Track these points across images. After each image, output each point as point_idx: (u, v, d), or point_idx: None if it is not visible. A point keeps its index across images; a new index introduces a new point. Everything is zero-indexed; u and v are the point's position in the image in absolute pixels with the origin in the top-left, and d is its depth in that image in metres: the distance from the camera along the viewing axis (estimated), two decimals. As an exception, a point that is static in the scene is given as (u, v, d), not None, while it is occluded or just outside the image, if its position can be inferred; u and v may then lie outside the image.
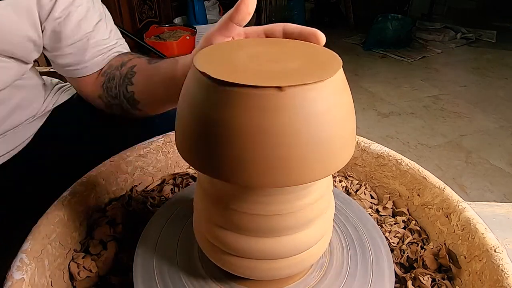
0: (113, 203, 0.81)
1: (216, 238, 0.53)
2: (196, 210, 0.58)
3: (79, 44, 0.94)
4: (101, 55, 0.98)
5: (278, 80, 0.38)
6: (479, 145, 3.00)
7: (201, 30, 4.12)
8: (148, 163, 0.90)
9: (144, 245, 0.66)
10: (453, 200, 0.72)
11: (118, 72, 0.96)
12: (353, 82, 3.87)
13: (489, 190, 2.52)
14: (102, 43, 0.98)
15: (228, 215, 0.50)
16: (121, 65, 0.97)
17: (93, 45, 0.96)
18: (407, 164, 0.82)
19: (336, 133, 0.41)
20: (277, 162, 0.39)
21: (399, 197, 0.84)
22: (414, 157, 2.82)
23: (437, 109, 3.59)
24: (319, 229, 0.54)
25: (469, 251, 0.65)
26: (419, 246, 0.72)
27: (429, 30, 5.47)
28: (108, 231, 0.73)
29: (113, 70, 0.98)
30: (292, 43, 0.53)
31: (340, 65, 0.43)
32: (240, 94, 0.38)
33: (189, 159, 0.45)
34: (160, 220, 0.71)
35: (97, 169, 0.81)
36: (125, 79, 0.94)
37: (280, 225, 0.50)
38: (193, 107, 0.42)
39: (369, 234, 0.69)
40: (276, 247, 0.51)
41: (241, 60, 0.45)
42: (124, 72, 0.95)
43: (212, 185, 0.52)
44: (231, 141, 0.39)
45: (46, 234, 0.64)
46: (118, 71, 0.96)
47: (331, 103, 0.40)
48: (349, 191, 0.89)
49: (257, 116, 0.38)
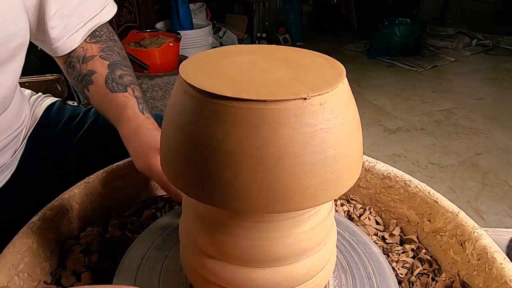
0: (88, 230, 0.81)
1: (206, 269, 0.53)
2: (183, 238, 0.58)
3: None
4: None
5: (275, 93, 0.39)
6: (497, 164, 3.01)
7: (186, 36, 4.12)
8: (127, 184, 0.90)
9: (122, 277, 0.66)
10: (468, 226, 0.72)
11: (78, 65, 1.00)
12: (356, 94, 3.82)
13: (508, 215, 2.52)
14: None
15: (219, 243, 0.50)
16: (83, 59, 1.00)
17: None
18: (416, 186, 0.83)
19: (340, 153, 0.42)
20: (274, 186, 0.40)
21: (408, 222, 0.85)
22: (425, 178, 2.82)
23: (450, 124, 3.61)
24: (318, 259, 0.54)
25: (486, 283, 0.65)
26: (430, 277, 0.73)
27: (441, 36, 5.51)
28: (82, 260, 0.73)
29: (74, 58, 1.01)
30: (290, 50, 0.54)
31: (343, 75, 0.44)
32: (232, 108, 0.39)
33: (176, 182, 0.45)
34: (140, 248, 0.71)
35: (69, 192, 0.81)
36: (82, 81, 0.99)
37: (274, 254, 0.50)
38: (179, 123, 0.43)
39: (375, 264, 0.70)
40: (270, 278, 0.51)
41: (232, 71, 0.45)
42: (84, 72, 0.99)
43: (202, 210, 0.52)
44: (223, 162, 0.40)
45: (13, 264, 0.64)
46: (79, 64, 1.00)
47: (334, 119, 0.41)
48: (351, 216, 0.89)
49: (252, 133, 0.39)
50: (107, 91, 0.95)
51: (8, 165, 1.03)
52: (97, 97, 0.98)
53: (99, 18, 1.01)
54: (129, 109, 0.91)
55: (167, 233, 0.75)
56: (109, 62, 0.99)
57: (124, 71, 0.99)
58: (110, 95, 0.95)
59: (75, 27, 0.97)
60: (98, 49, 1.01)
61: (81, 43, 0.99)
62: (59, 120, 1.15)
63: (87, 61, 0.99)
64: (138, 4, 4.44)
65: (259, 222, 0.48)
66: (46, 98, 1.22)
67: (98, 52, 1.00)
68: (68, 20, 0.95)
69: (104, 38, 1.03)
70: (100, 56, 1.00)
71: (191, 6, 4.48)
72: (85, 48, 1.00)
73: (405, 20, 5.05)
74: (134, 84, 0.98)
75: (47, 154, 1.10)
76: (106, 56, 1.01)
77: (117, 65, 1.00)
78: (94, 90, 0.97)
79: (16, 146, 1.06)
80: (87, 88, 0.98)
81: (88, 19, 0.99)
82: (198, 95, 0.40)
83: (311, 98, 0.39)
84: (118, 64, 1.00)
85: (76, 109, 1.20)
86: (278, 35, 5.18)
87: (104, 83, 0.96)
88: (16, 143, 1.06)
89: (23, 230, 0.69)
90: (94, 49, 1.00)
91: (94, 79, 0.97)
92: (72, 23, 0.96)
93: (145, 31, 4.14)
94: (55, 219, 0.75)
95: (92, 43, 1.01)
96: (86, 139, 1.12)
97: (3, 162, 1.00)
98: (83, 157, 1.09)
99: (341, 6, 6.14)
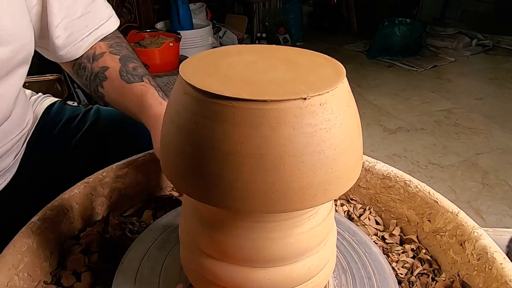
0: (88, 230, 0.81)
1: (206, 269, 0.53)
2: (183, 238, 0.58)
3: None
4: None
5: (275, 93, 0.39)
6: (497, 164, 3.01)
7: (186, 36, 4.12)
8: (127, 184, 0.90)
9: (123, 277, 0.66)
10: (468, 226, 0.72)
11: (89, 64, 1.00)
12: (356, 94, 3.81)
13: (508, 215, 2.52)
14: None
15: (219, 243, 0.50)
16: (93, 57, 1.00)
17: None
18: (416, 186, 0.83)
19: (340, 153, 0.42)
20: (274, 186, 0.40)
21: (408, 222, 0.85)
22: (424, 178, 2.82)
23: (450, 124, 3.61)
24: (318, 259, 0.54)
25: (485, 283, 0.66)
26: (430, 277, 0.73)
27: (441, 36, 5.50)
28: (82, 260, 0.73)
29: (83, 59, 1.01)
30: (290, 50, 0.54)
31: (343, 75, 0.44)
32: (232, 108, 0.39)
33: (176, 182, 0.45)
34: (140, 248, 0.71)
35: (69, 192, 0.81)
36: (96, 78, 0.99)
37: (274, 254, 0.50)
38: (179, 123, 0.43)
39: (375, 264, 0.70)
40: (270, 278, 0.51)
41: (232, 71, 0.45)
42: (96, 70, 0.99)
43: (202, 210, 0.52)
44: (223, 162, 0.40)
45: (13, 264, 0.64)
46: (89, 63, 1.00)
47: (334, 119, 0.41)
48: (351, 216, 0.89)
49: (252, 133, 0.39)
50: (123, 83, 0.96)
51: (10, 168, 1.03)
52: (114, 91, 0.98)
53: (104, 28, 1.02)
54: (150, 96, 0.92)
55: (167, 233, 0.75)
56: (120, 56, 1.00)
57: (136, 63, 1.00)
58: (127, 87, 0.95)
59: (79, 37, 0.97)
60: (106, 45, 1.02)
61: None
62: (59, 121, 1.15)
63: (98, 58, 1.00)
64: (138, 4, 4.43)
65: (259, 222, 0.48)
66: (46, 98, 1.22)
67: (107, 49, 1.01)
68: (72, 30, 0.95)
69: (110, 35, 1.04)
70: (110, 52, 1.01)
71: (191, 6, 4.47)
72: (94, 47, 1.01)
73: (405, 20, 5.04)
74: (148, 75, 0.99)
75: (47, 154, 1.10)
76: (115, 51, 1.01)
77: (128, 58, 1.00)
78: (109, 85, 0.98)
79: (18, 149, 1.06)
80: (101, 85, 0.99)
81: (93, 28, 0.99)
82: (198, 95, 0.40)
83: (311, 98, 0.39)
84: (129, 58, 1.01)
85: (76, 109, 1.20)
86: (278, 35, 5.17)
87: (119, 77, 0.97)
88: (18, 147, 1.06)
89: (23, 230, 0.69)
90: (102, 47, 1.01)
91: (108, 75, 0.98)
92: (76, 33, 0.96)
93: (145, 31, 4.14)
94: (55, 219, 0.75)
95: (100, 42, 1.01)
96: (86, 140, 1.12)
97: (4, 166, 1.00)
98: (83, 157, 1.09)
99: (341, 6, 6.14)
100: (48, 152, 1.11)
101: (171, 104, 0.46)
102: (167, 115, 0.46)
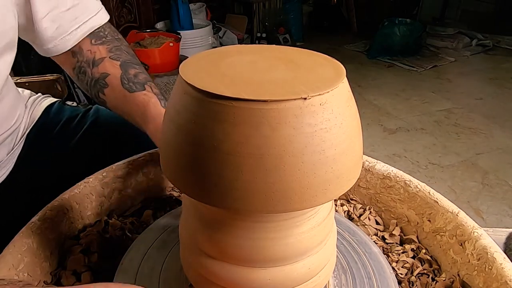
0: (88, 230, 0.81)
1: (206, 269, 0.53)
2: (183, 238, 0.58)
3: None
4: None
5: (275, 93, 0.39)
6: (497, 164, 3.01)
7: (186, 36, 4.12)
8: (127, 185, 0.90)
9: (123, 277, 0.66)
10: (468, 226, 0.72)
11: (89, 70, 0.99)
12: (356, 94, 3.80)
13: (508, 215, 2.52)
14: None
15: (219, 243, 0.50)
16: (93, 63, 0.99)
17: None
18: (416, 186, 0.83)
19: (340, 153, 0.42)
20: (274, 186, 0.40)
21: (408, 222, 0.85)
22: (425, 178, 2.83)
23: (450, 124, 3.61)
24: (318, 259, 0.54)
25: (485, 283, 0.66)
26: (430, 277, 0.73)
27: (441, 36, 5.50)
28: (82, 260, 0.73)
29: (83, 63, 1.00)
30: (290, 50, 0.54)
31: (343, 75, 0.44)
32: (232, 108, 0.39)
33: (176, 182, 0.45)
34: (140, 248, 0.71)
35: (69, 192, 0.81)
36: (96, 84, 0.98)
37: (274, 254, 0.50)
38: (179, 123, 0.43)
39: (375, 264, 0.70)
40: (270, 278, 0.51)
41: (232, 71, 0.45)
42: (96, 76, 0.98)
43: (202, 210, 0.52)
44: (223, 162, 0.40)
45: (13, 264, 0.64)
46: (89, 68, 0.99)
47: (334, 119, 0.41)
48: (351, 216, 0.89)
49: (252, 133, 0.39)
50: (125, 92, 0.95)
51: (3, 163, 1.03)
52: (115, 99, 0.97)
53: (94, 21, 1.00)
54: (152, 106, 0.91)
55: (167, 233, 0.75)
56: (120, 62, 0.99)
57: (137, 69, 0.99)
58: (129, 96, 0.95)
59: (68, 29, 0.96)
60: (106, 50, 1.00)
61: (87, 46, 0.99)
62: (58, 121, 1.15)
63: (98, 64, 0.99)
64: (138, 4, 4.43)
65: (259, 222, 0.48)
66: (46, 98, 1.22)
67: (106, 54, 1.00)
68: (61, 22, 0.94)
69: (109, 39, 1.03)
70: (110, 57, 1.00)
71: (191, 6, 4.47)
72: (93, 51, 1.00)
73: (405, 20, 5.04)
74: (150, 81, 0.98)
75: (46, 154, 1.10)
76: (115, 56, 1.00)
77: (128, 64, 0.99)
78: (111, 92, 0.97)
79: (11, 145, 1.05)
80: (102, 92, 0.98)
81: (83, 21, 0.98)
82: (198, 95, 0.40)
83: (311, 98, 0.39)
84: (130, 63, 1.00)
85: (75, 110, 1.19)
86: (278, 35, 5.17)
87: (120, 85, 0.96)
88: (11, 142, 1.05)
89: (23, 230, 0.69)
90: (102, 51, 1.00)
91: (109, 82, 0.97)
92: (65, 25, 0.95)
93: (145, 31, 4.14)
94: (55, 219, 0.75)
95: (99, 45, 1.00)
96: (85, 140, 1.12)
97: None
98: (82, 158, 1.09)
99: (341, 6, 6.14)
100: (47, 152, 1.11)
101: (171, 104, 0.45)
102: (167, 115, 0.46)
